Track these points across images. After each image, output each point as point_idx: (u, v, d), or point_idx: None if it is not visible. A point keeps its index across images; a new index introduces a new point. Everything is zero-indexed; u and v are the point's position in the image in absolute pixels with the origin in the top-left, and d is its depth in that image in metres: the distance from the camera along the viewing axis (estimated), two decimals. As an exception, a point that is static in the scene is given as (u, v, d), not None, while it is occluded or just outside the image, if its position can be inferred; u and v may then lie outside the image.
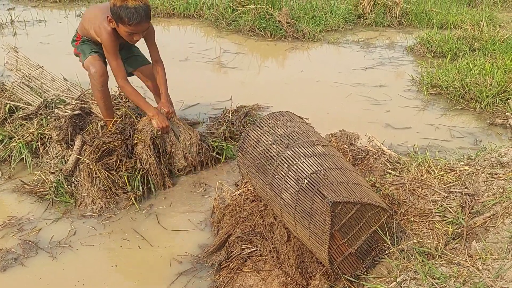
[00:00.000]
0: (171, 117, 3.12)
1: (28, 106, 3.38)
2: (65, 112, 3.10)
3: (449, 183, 2.50)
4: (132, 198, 2.85)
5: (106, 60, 3.01)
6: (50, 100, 3.42)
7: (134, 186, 2.92)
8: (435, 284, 1.69)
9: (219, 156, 3.33)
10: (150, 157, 2.94)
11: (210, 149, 3.28)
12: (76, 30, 3.14)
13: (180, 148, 3.09)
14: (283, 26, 6.46)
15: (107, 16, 2.77)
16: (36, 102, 3.40)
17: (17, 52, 3.82)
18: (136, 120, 3.11)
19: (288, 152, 2.12)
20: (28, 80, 3.62)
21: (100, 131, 3.08)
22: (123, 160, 2.95)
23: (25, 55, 3.88)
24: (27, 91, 3.54)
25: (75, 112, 3.11)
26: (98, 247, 2.52)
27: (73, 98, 3.38)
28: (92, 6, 3.09)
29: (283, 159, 2.11)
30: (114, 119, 3.07)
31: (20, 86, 3.56)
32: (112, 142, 2.94)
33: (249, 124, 3.58)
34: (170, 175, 3.10)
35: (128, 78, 3.02)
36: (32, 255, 2.44)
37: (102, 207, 2.79)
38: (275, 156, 2.16)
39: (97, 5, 3.06)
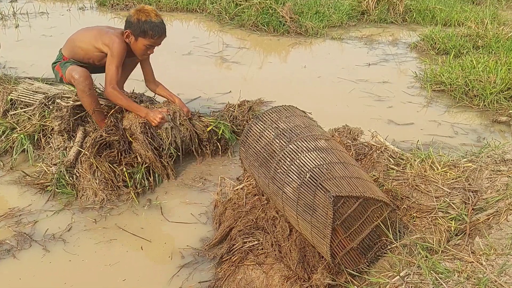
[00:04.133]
0: (190, 116, 3.19)
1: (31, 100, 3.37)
2: (67, 102, 3.09)
3: (452, 179, 2.49)
4: (133, 194, 2.83)
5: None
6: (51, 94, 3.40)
7: (136, 180, 2.91)
8: (439, 279, 1.69)
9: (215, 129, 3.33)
10: (147, 151, 2.93)
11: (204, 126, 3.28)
12: (60, 52, 3.20)
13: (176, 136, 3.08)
14: (286, 22, 6.43)
15: (125, 32, 2.96)
16: (38, 96, 3.38)
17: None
18: (121, 116, 3.08)
19: (290, 146, 2.11)
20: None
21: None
22: (123, 155, 2.94)
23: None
24: (29, 83, 3.53)
25: (77, 103, 3.10)
26: (98, 239, 2.51)
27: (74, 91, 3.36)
28: (82, 30, 3.19)
29: (286, 153, 2.10)
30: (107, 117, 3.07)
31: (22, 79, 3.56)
32: (109, 137, 2.92)
33: (252, 119, 3.57)
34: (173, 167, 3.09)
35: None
36: (26, 247, 2.43)
37: (103, 199, 2.79)
38: (277, 150, 2.15)
39: (87, 28, 3.19)
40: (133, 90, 3.30)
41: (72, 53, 3.12)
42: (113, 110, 3.05)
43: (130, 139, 2.96)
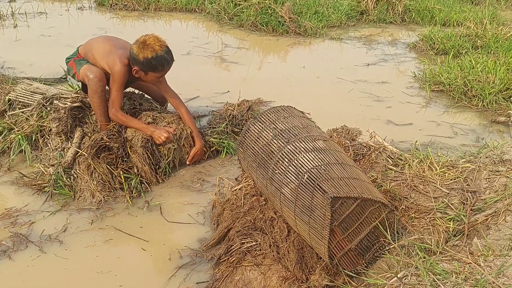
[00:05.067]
0: (200, 155, 3.19)
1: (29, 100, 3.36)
2: (65, 104, 3.08)
3: (451, 180, 2.48)
4: (128, 197, 2.82)
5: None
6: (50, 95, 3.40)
7: (132, 185, 2.90)
8: (436, 280, 1.68)
9: (219, 148, 3.33)
10: (144, 165, 2.93)
11: (207, 146, 3.27)
12: (77, 49, 3.19)
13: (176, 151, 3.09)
14: (285, 22, 6.42)
15: (133, 68, 2.92)
16: (37, 96, 3.38)
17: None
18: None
19: (288, 147, 2.11)
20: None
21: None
22: (120, 160, 2.95)
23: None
24: (27, 83, 3.52)
25: (75, 104, 3.10)
26: (95, 240, 2.50)
27: (72, 91, 3.36)
28: (102, 38, 3.18)
29: (284, 153, 2.10)
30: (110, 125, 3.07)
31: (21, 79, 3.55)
32: (110, 143, 2.92)
33: (250, 119, 3.57)
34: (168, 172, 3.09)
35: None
36: (22, 248, 2.42)
37: (101, 200, 2.78)
38: (275, 151, 2.15)
39: (107, 38, 3.19)
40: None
41: (86, 55, 3.12)
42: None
43: (129, 151, 2.96)
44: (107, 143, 2.92)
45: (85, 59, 3.11)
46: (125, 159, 2.96)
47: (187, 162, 3.15)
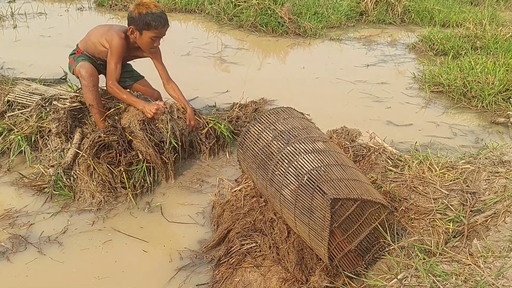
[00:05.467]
0: (196, 129, 3.23)
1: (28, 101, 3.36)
2: (64, 104, 3.08)
3: (450, 181, 2.48)
4: (130, 195, 2.83)
5: (98, 68, 3.15)
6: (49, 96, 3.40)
7: (136, 179, 2.90)
8: (436, 282, 1.68)
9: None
10: (148, 148, 2.93)
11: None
12: (77, 45, 3.26)
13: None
14: (285, 22, 6.43)
15: (129, 28, 3.00)
16: (35, 97, 3.37)
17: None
18: (119, 117, 3.08)
19: (288, 148, 2.11)
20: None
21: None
22: (122, 155, 2.93)
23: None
24: (26, 84, 3.52)
25: (74, 105, 3.10)
26: (95, 241, 2.50)
27: (71, 92, 3.36)
28: (99, 25, 3.28)
29: (284, 155, 2.10)
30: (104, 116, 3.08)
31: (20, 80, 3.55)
32: (108, 138, 2.92)
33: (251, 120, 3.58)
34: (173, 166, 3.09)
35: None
36: (21, 249, 2.42)
37: (101, 201, 2.78)
38: (275, 152, 2.15)
39: (104, 24, 3.31)
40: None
41: (86, 46, 3.19)
42: (109, 111, 3.05)
43: (130, 137, 2.95)
44: (106, 140, 2.92)
45: (83, 55, 3.17)
46: (128, 150, 2.96)
47: (186, 127, 3.15)
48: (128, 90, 3.26)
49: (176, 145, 3.04)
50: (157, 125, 3.01)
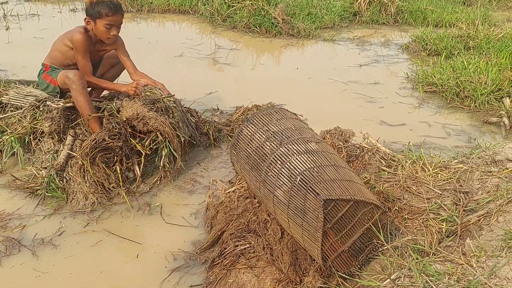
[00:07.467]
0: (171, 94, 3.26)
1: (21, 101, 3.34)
2: (57, 104, 3.07)
3: (444, 180, 2.49)
4: (124, 194, 2.82)
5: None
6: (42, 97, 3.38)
7: (164, 160, 3.00)
8: (429, 282, 1.69)
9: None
10: (165, 127, 2.94)
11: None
12: (42, 64, 3.28)
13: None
14: (278, 23, 6.43)
15: (85, 18, 3.05)
16: (29, 99, 3.35)
17: None
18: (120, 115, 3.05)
19: (281, 149, 2.11)
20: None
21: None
22: (123, 159, 2.95)
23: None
24: (21, 88, 3.50)
25: (68, 105, 3.08)
26: (89, 243, 2.49)
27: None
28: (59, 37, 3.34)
29: (277, 156, 2.10)
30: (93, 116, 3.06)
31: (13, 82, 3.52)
32: (112, 143, 2.88)
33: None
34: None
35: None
36: (15, 252, 2.40)
37: (94, 202, 2.77)
38: (268, 153, 2.15)
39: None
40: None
41: (52, 59, 3.23)
42: (107, 114, 3.04)
43: (148, 123, 2.92)
44: (110, 144, 2.88)
45: (53, 67, 3.20)
46: (129, 156, 2.98)
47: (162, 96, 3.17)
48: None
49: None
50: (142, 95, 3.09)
